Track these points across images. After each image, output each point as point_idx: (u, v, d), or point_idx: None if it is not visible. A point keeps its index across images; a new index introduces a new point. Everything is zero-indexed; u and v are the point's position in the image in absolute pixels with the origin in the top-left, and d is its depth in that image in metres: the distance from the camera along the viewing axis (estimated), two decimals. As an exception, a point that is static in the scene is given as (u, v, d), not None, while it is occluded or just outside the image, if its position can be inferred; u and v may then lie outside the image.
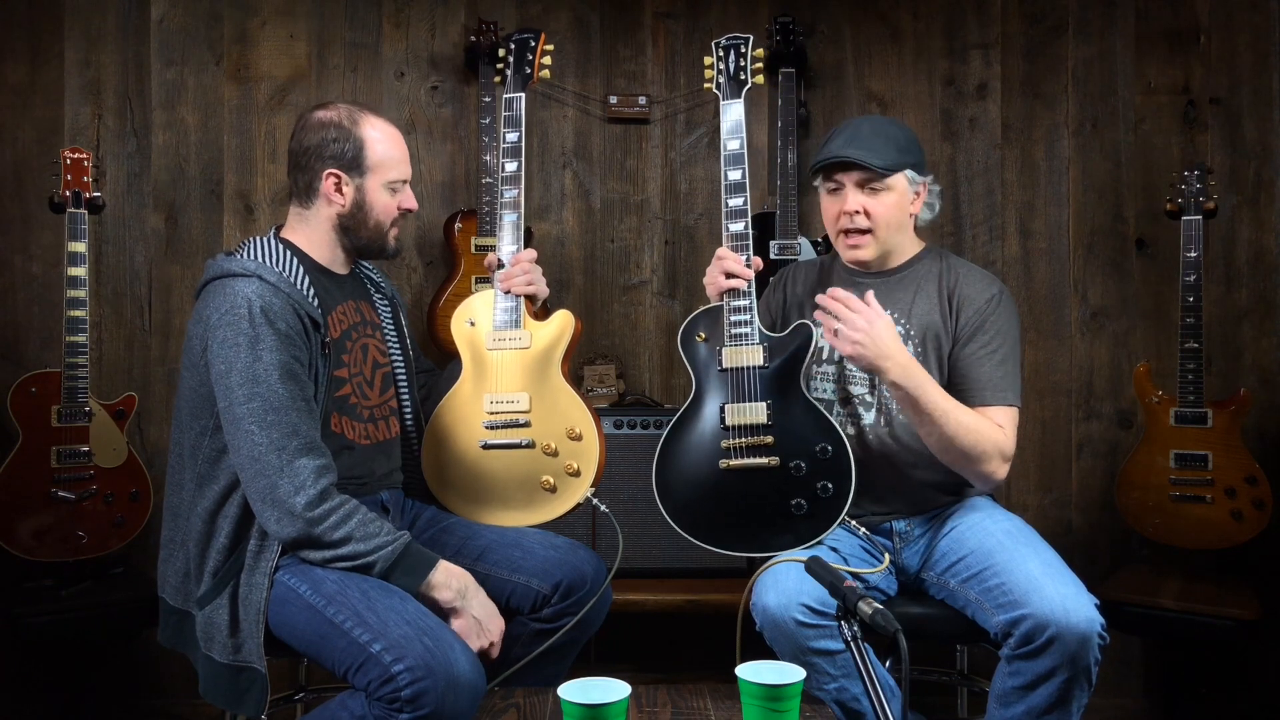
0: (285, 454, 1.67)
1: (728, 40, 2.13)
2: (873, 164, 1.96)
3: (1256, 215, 2.90)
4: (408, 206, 1.94)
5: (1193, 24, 2.92)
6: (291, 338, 1.73)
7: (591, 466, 2.00)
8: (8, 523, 2.46)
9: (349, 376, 1.89)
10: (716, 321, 2.05)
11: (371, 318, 2.00)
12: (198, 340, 1.76)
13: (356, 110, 1.90)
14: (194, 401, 1.78)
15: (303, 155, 1.88)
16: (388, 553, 1.71)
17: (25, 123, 2.85)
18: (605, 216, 2.99)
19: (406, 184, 1.94)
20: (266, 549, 1.72)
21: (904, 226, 2.06)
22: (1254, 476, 2.53)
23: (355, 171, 1.87)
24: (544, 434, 2.01)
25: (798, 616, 1.77)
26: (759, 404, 1.98)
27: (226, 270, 1.78)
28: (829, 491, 1.94)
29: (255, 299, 1.72)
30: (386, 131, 1.90)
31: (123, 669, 2.84)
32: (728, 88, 2.11)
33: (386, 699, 1.55)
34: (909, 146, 2.02)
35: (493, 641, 1.77)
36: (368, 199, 1.89)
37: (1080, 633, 1.70)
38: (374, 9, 2.94)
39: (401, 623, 1.60)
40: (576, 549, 1.98)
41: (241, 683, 1.70)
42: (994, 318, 2.00)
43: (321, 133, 1.86)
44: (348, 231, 1.91)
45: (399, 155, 1.91)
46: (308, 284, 1.83)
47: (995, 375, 1.97)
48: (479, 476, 2.04)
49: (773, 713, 1.44)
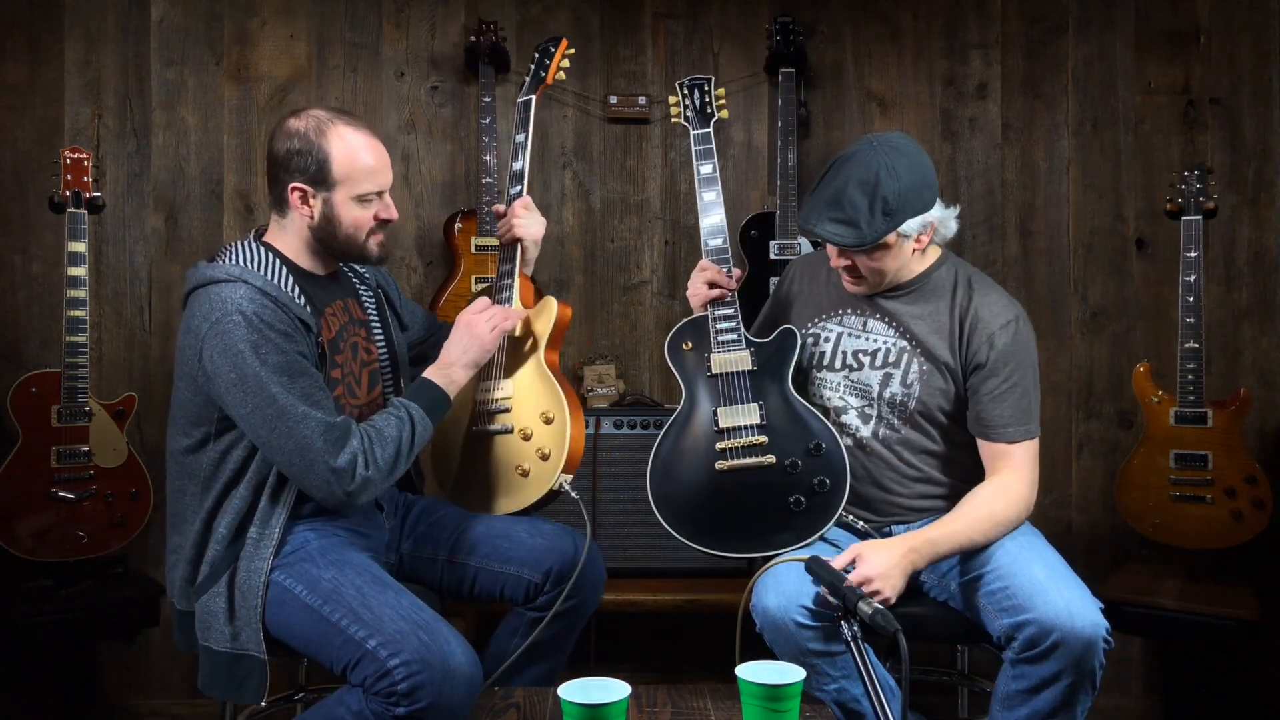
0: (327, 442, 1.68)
1: (690, 81, 2.25)
2: (844, 244, 1.89)
3: (1256, 215, 2.90)
4: (385, 218, 1.86)
5: (1193, 24, 2.92)
6: (290, 335, 1.72)
7: (561, 450, 1.96)
8: (8, 523, 2.46)
9: (342, 377, 1.88)
10: (702, 331, 2.08)
11: (359, 314, 1.98)
12: (191, 351, 1.73)
13: (327, 119, 1.81)
14: (192, 410, 1.76)
15: (272, 165, 1.83)
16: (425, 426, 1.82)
17: (25, 123, 2.85)
18: (605, 216, 2.99)
19: (382, 195, 1.85)
20: (267, 537, 1.73)
21: (904, 267, 1.98)
22: (1254, 476, 2.53)
23: (321, 185, 1.80)
24: (522, 419, 2.02)
25: (798, 618, 1.77)
26: (751, 405, 2.00)
27: (210, 277, 1.75)
28: (826, 486, 1.94)
29: (245, 303, 1.69)
30: (355, 142, 1.81)
31: (123, 669, 2.84)
32: (695, 120, 2.21)
33: (383, 693, 1.55)
34: (903, 203, 1.86)
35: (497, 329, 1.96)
36: (335, 212, 1.81)
37: (1085, 637, 1.69)
38: (374, 9, 2.94)
39: (397, 617, 1.61)
40: (565, 534, 1.97)
41: (239, 670, 1.70)
42: (1014, 350, 1.94)
43: (287, 143, 1.79)
44: (321, 242, 1.85)
45: (369, 167, 1.81)
46: (295, 288, 1.80)
47: (1018, 410, 1.94)
48: (470, 463, 2.07)
49: (773, 713, 1.44)
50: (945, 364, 1.98)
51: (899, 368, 1.99)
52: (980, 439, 1.97)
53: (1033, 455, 1.95)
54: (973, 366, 1.96)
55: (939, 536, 1.85)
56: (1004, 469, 1.94)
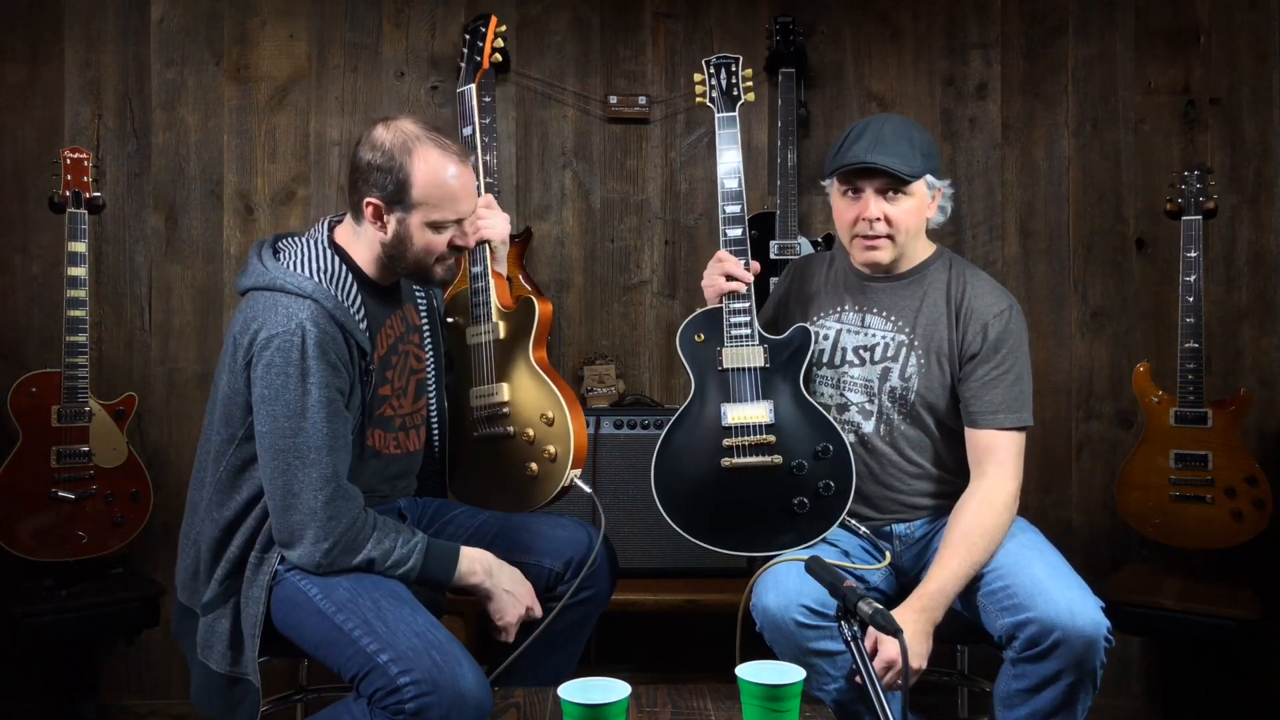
0: (321, 496, 1.65)
1: (718, 59, 2.15)
2: (900, 170, 1.90)
3: (1256, 215, 2.90)
4: (461, 244, 1.79)
5: (1193, 24, 2.92)
6: (339, 369, 1.69)
7: (567, 449, 1.96)
8: (8, 523, 2.46)
9: (391, 393, 1.85)
10: (715, 323, 2.05)
11: (414, 320, 1.95)
12: (242, 352, 1.68)
13: (415, 137, 1.72)
14: (228, 407, 1.73)
15: (353, 173, 1.76)
16: (412, 565, 1.73)
17: (25, 123, 2.85)
18: (605, 216, 2.99)
19: (460, 222, 1.77)
20: (266, 563, 1.71)
21: (920, 232, 2.03)
22: (1254, 476, 2.53)
23: (398, 205, 1.72)
24: (522, 422, 2.02)
25: (798, 618, 1.77)
26: (761, 403, 1.99)
27: (280, 284, 1.69)
28: (830, 490, 1.94)
29: (310, 327, 1.65)
30: (440, 166, 1.71)
31: (123, 669, 2.84)
32: (721, 102, 2.13)
33: (391, 709, 1.54)
34: (930, 151, 1.97)
35: (529, 606, 1.82)
36: (410, 233, 1.74)
37: (1087, 636, 1.69)
38: (374, 9, 2.94)
39: (410, 634, 1.58)
40: (582, 527, 1.98)
41: (235, 694, 1.69)
42: (1006, 338, 1.96)
43: (370, 155, 1.72)
44: (390, 259, 1.79)
45: (450, 193, 1.73)
46: (359, 304, 1.76)
47: (1010, 396, 1.94)
48: (477, 467, 2.08)
49: (773, 713, 1.44)
50: (942, 355, 1.98)
51: (897, 361, 1.99)
52: (970, 428, 1.96)
53: (1019, 449, 1.95)
54: (968, 355, 1.97)
55: (946, 581, 1.83)
56: (989, 467, 1.94)
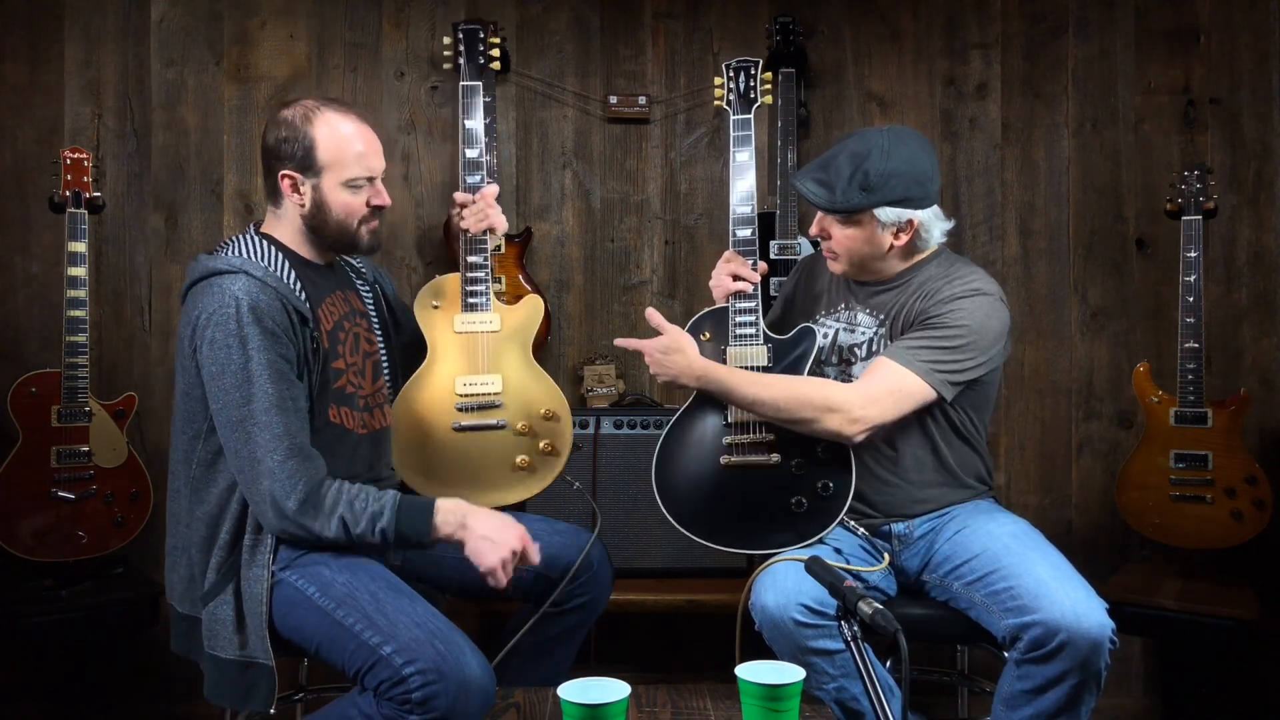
0: (276, 455, 1.67)
1: (738, 63, 2.21)
2: (815, 202, 1.92)
3: (1256, 215, 2.90)
4: (378, 203, 1.87)
5: (1193, 24, 2.92)
6: (279, 335, 1.72)
7: (566, 445, 2.09)
8: (8, 523, 2.46)
9: (345, 367, 1.88)
10: (721, 323, 2.07)
11: (359, 306, 1.98)
12: (187, 343, 1.74)
13: (314, 106, 1.83)
14: (187, 405, 1.77)
15: (264, 155, 1.85)
16: (385, 521, 1.70)
17: (25, 123, 2.85)
18: (605, 216, 2.99)
19: (374, 180, 1.86)
20: (262, 542, 1.72)
21: (879, 258, 1.98)
22: (1254, 476, 2.53)
23: (309, 171, 1.81)
24: (517, 415, 2.08)
25: (796, 616, 1.77)
26: None
27: (212, 269, 1.76)
28: (829, 490, 1.94)
29: (243, 296, 1.70)
30: (342, 127, 1.82)
31: (123, 669, 2.84)
32: (738, 104, 2.19)
33: (397, 700, 1.55)
34: (885, 183, 1.87)
35: (514, 549, 1.73)
36: (325, 198, 1.82)
37: (1092, 638, 1.69)
38: (374, 9, 2.94)
39: (412, 625, 1.60)
40: (579, 534, 1.99)
41: (249, 678, 1.69)
42: (959, 309, 1.90)
43: (276, 131, 1.82)
44: (313, 230, 1.86)
45: (356, 151, 1.82)
46: (294, 278, 1.81)
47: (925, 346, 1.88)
48: (451, 458, 2.08)
49: (772, 713, 1.44)
50: None
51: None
52: None
53: (900, 390, 1.87)
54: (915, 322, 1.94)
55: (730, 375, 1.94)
56: (861, 380, 1.92)
